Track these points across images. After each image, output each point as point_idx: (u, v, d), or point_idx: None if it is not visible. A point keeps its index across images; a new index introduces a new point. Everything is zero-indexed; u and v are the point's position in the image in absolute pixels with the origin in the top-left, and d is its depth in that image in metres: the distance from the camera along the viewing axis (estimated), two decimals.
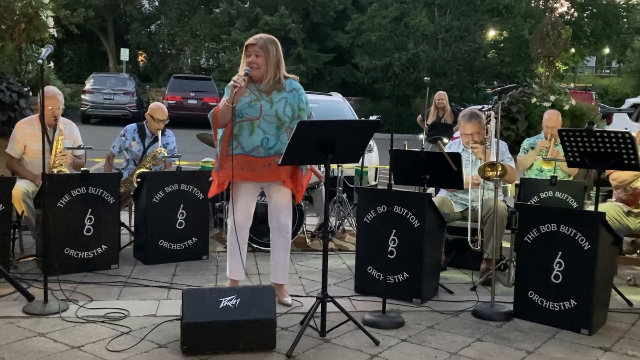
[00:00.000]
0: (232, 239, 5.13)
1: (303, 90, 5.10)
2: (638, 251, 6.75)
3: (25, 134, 6.28)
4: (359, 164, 8.46)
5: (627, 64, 44.75)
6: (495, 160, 5.45)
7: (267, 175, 4.95)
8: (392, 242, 5.47)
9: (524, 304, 5.10)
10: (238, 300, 4.21)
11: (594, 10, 37.62)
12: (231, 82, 4.69)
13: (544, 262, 4.98)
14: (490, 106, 6.57)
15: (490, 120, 6.10)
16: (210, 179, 5.22)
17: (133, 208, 6.87)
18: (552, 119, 7.34)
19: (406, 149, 6.78)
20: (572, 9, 37.94)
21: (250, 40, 4.92)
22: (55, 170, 6.17)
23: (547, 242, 4.97)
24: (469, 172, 6.18)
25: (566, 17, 35.78)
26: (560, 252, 4.91)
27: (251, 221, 5.19)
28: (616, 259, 5.52)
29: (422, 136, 10.73)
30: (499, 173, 5.36)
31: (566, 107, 11.48)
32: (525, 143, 7.58)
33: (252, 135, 4.89)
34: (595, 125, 5.18)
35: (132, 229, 6.88)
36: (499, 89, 5.68)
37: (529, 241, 5.07)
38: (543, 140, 7.32)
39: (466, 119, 6.35)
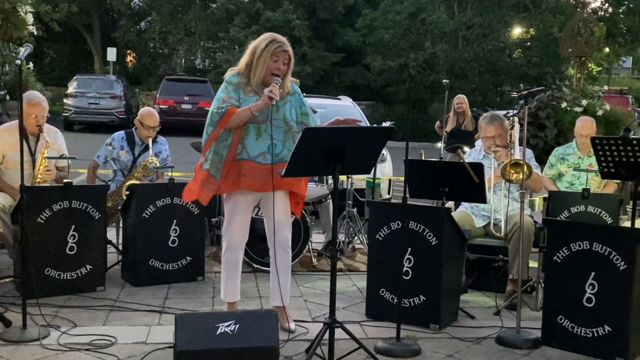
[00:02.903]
0: (229, 258, 5.18)
1: (302, 94, 5.25)
2: None
3: (5, 143, 6.27)
4: (371, 175, 8.47)
5: None
6: (520, 158, 5.45)
7: (271, 184, 4.94)
8: (407, 261, 5.48)
9: (553, 330, 5.10)
10: (237, 326, 4.21)
11: (631, 5, 37.58)
12: (267, 92, 4.73)
13: (575, 284, 4.99)
14: (515, 111, 6.59)
15: (513, 126, 6.11)
16: (189, 180, 5.24)
17: (121, 224, 6.88)
18: (585, 127, 7.32)
19: (423, 158, 6.80)
20: (607, 4, 37.96)
21: (283, 45, 4.97)
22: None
23: (578, 262, 4.98)
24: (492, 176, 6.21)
25: (600, 13, 35.81)
26: (593, 273, 4.91)
27: (247, 237, 5.23)
28: None
29: (440, 144, 10.73)
30: (525, 175, 5.36)
31: (600, 113, 11.50)
32: (555, 153, 7.55)
33: (258, 139, 4.95)
34: (632, 132, 5.20)
35: (120, 247, 6.90)
36: (526, 92, 5.67)
37: (559, 260, 5.08)
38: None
39: (487, 121, 6.41)
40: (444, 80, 10.06)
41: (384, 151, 10.08)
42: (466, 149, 8.18)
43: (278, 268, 5.21)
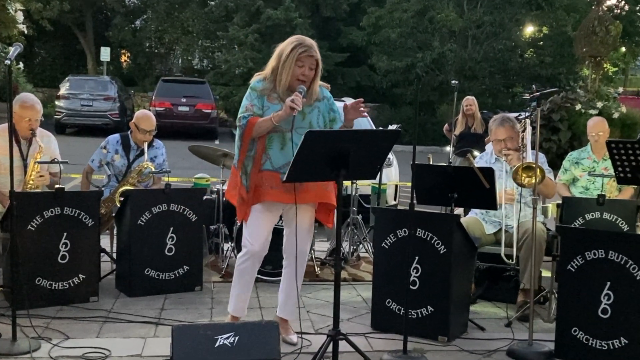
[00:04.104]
0: (245, 269, 5.16)
1: (333, 99, 5.21)
2: None
3: None
4: (376, 181, 8.47)
5: None
6: (532, 162, 5.45)
7: (298, 196, 4.89)
8: (415, 270, 5.48)
9: (566, 343, 5.10)
10: (237, 338, 4.22)
11: None
12: (289, 102, 4.67)
13: (590, 294, 4.98)
14: (527, 113, 6.58)
15: (525, 128, 6.12)
16: (225, 198, 5.23)
17: (115, 231, 6.88)
18: (597, 125, 7.35)
19: (431, 163, 6.80)
20: (623, 2, 37.90)
21: (309, 49, 4.95)
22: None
23: (593, 271, 4.97)
24: (503, 185, 6.19)
25: (615, 11, 35.73)
26: (608, 283, 4.90)
27: (267, 250, 5.20)
28: None
29: (449, 148, 10.74)
30: (537, 179, 5.36)
31: (615, 115, 11.50)
32: (570, 157, 7.55)
33: (283, 149, 4.93)
34: None
35: (114, 255, 6.90)
36: (538, 93, 5.67)
37: (573, 270, 5.07)
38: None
39: (497, 123, 6.41)
40: (453, 81, 10.08)
41: (390, 155, 10.08)
42: (476, 153, 8.19)
43: (293, 280, 5.20)
